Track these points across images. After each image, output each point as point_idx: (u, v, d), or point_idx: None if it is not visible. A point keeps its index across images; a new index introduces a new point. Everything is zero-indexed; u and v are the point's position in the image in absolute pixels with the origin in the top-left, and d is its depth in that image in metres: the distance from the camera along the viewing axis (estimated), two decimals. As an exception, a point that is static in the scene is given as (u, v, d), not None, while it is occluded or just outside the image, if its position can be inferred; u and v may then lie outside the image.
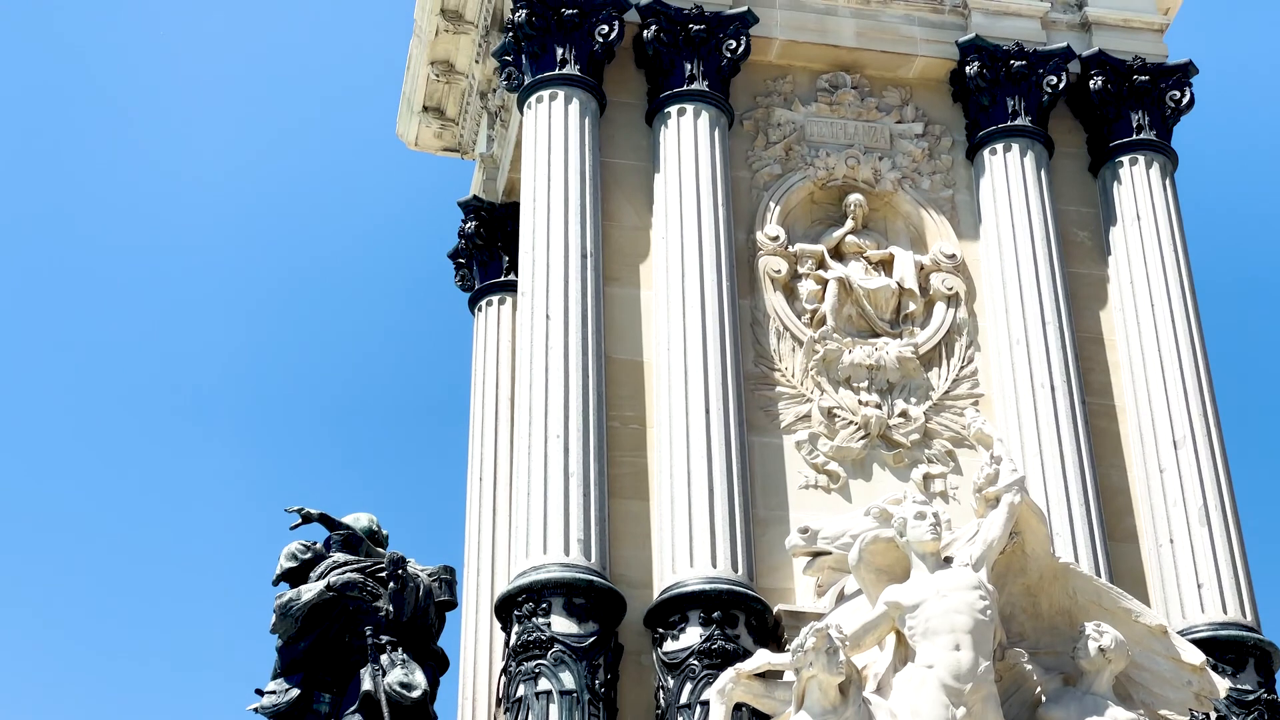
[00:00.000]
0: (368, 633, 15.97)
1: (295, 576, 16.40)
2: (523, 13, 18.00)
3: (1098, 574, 15.73)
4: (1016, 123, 18.38)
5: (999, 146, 18.31)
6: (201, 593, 37.01)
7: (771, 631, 15.49)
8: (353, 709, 15.68)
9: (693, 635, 15.21)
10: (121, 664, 36.99)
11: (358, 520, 17.04)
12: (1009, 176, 18.14)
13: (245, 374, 38.80)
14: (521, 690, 14.98)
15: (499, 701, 15.66)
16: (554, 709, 14.83)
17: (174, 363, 38.29)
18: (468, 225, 20.39)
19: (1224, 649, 15.98)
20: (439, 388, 37.34)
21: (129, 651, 37.26)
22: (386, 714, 15.50)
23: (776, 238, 17.66)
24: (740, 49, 18.10)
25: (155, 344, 38.42)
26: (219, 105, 39.59)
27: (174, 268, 38.74)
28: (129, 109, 39.40)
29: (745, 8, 18.27)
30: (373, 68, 38.82)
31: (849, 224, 17.97)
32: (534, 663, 15.02)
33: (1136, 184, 18.38)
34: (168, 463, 38.13)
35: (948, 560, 14.14)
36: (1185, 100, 18.80)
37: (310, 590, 16.12)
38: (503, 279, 19.98)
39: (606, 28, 17.95)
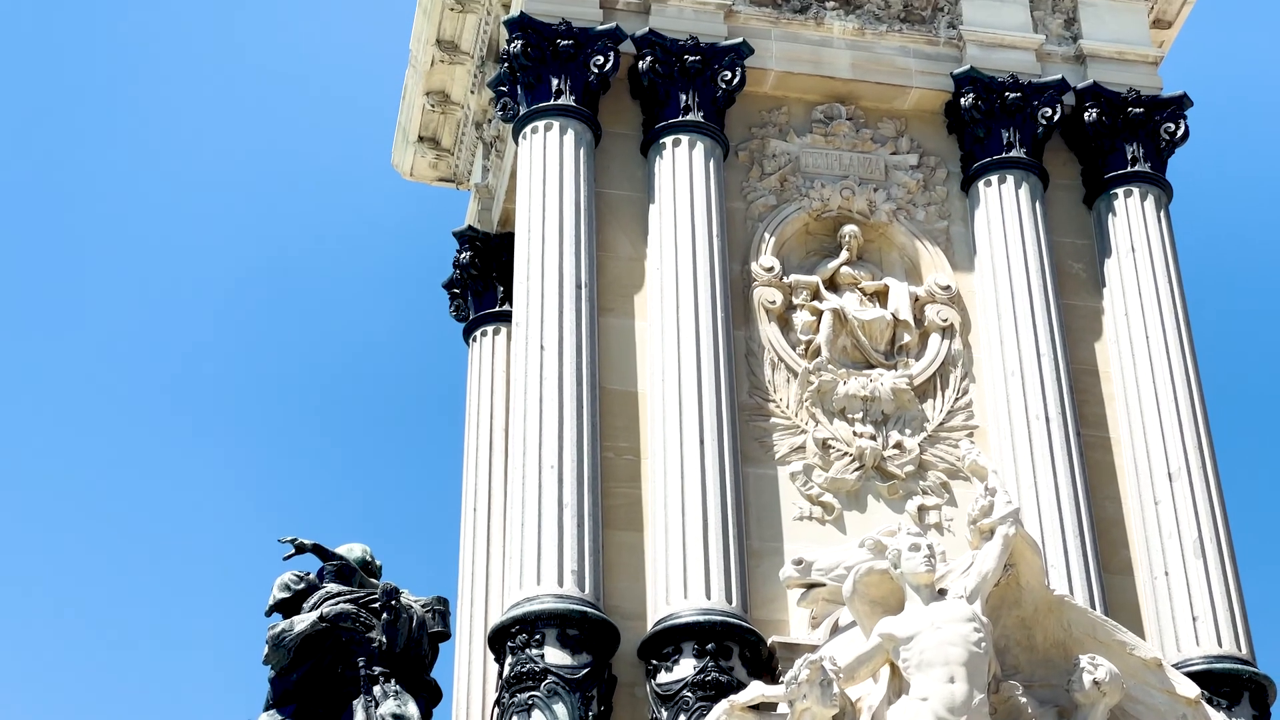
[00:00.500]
0: (361, 664, 15.93)
1: (288, 607, 16.36)
2: (518, 43, 18.02)
3: (1092, 606, 15.69)
4: (1011, 154, 18.39)
5: (994, 178, 18.32)
6: (194, 623, 36.96)
7: (766, 663, 15.44)
8: (345, 740, 15.66)
9: (686, 667, 15.17)
10: (110, 695, 36.90)
11: (351, 551, 17.02)
12: (1004, 208, 18.14)
13: (238, 401, 38.80)
14: (515, 721, 14.96)
15: (492, 733, 15.63)
16: (547, 740, 14.81)
17: (164, 393, 38.29)
18: (462, 255, 20.37)
19: (1219, 682, 15.94)
20: (433, 418, 37.33)
21: (118, 682, 37.17)
22: (379, 745, 15.47)
23: (771, 269, 17.65)
24: (735, 80, 18.12)
25: (144, 374, 38.42)
26: (214, 134, 39.67)
27: (166, 299, 38.77)
28: (122, 132, 39.48)
29: (740, 39, 18.29)
30: (368, 98, 38.91)
31: (844, 255, 17.96)
32: (527, 694, 14.98)
33: (1131, 216, 18.38)
34: (157, 494, 38.12)
35: (942, 592, 14.12)
36: (1180, 132, 18.82)
37: (303, 621, 16.08)
38: (497, 309, 19.95)
39: (602, 58, 17.97)
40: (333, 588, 16.43)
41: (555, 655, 15.10)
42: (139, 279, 38.76)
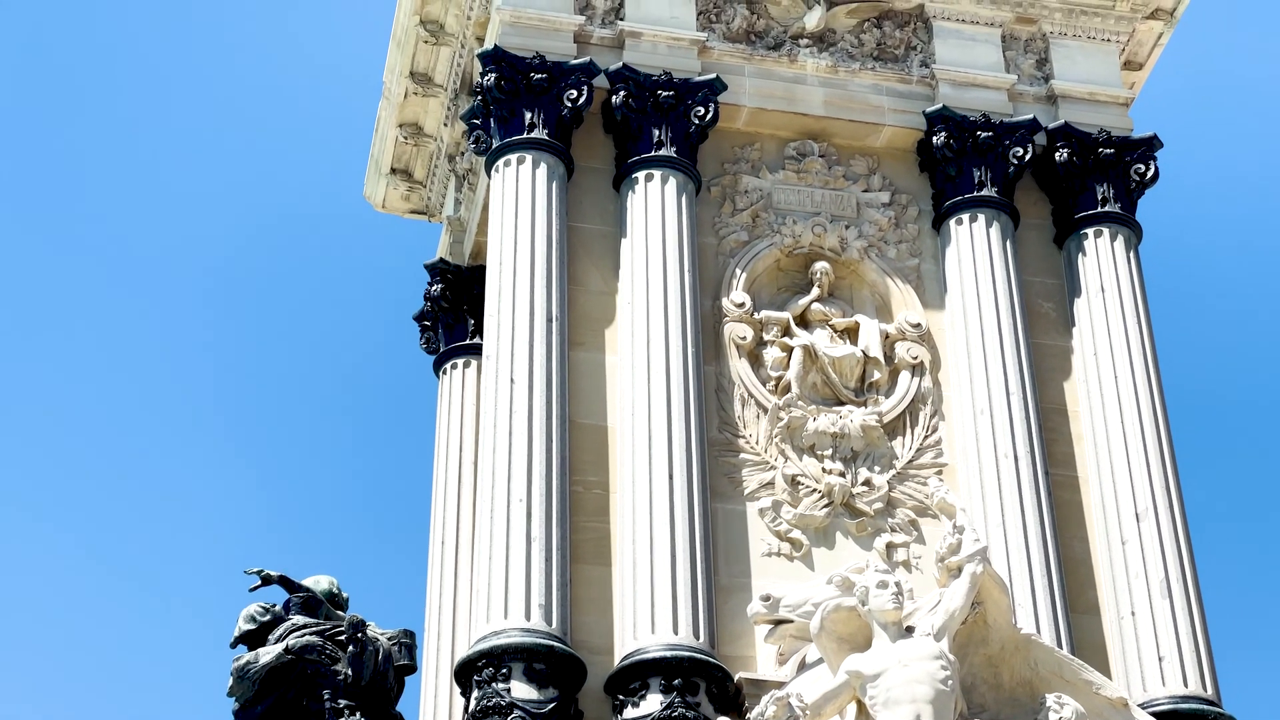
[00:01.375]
0: (326, 696, 15.87)
1: (253, 639, 16.30)
2: (492, 76, 18.04)
3: (1059, 645, 15.70)
4: (983, 193, 18.44)
5: (965, 217, 18.37)
6: (158, 656, 36.81)
7: (733, 700, 15.41)
8: (310, 774, 15.59)
9: (653, 702, 15.13)
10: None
11: (318, 583, 16.96)
12: (974, 247, 18.19)
13: (205, 431, 38.69)
14: (480, 756, 14.90)
15: (457, 767, 15.56)
16: (513, 775, 14.76)
17: (129, 420, 38.18)
18: (433, 288, 20.36)
19: (1185, 722, 15.97)
20: (402, 450, 37.28)
21: (82, 716, 36.99)
22: (343, 779, 15.42)
23: (742, 304, 17.67)
24: (708, 116, 18.15)
25: (111, 398, 38.30)
26: (186, 163, 39.63)
27: (136, 327, 38.69)
28: (100, 159, 39.43)
29: (714, 75, 18.33)
30: (340, 130, 38.94)
31: (815, 292, 17.99)
32: (493, 728, 14.94)
33: (1101, 256, 18.44)
34: (123, 521, 37.98)
35: (909, 630, 14.12)
36: (1150, 173, 18.89)
37: (268, 653, 16.02)
38: (468, 342, 19.93)
39: (575, 92, 17.99)
40: (298, 620, 16.37)
41: (522, 689, 15.05)
42: (110, 302, 38.74)
